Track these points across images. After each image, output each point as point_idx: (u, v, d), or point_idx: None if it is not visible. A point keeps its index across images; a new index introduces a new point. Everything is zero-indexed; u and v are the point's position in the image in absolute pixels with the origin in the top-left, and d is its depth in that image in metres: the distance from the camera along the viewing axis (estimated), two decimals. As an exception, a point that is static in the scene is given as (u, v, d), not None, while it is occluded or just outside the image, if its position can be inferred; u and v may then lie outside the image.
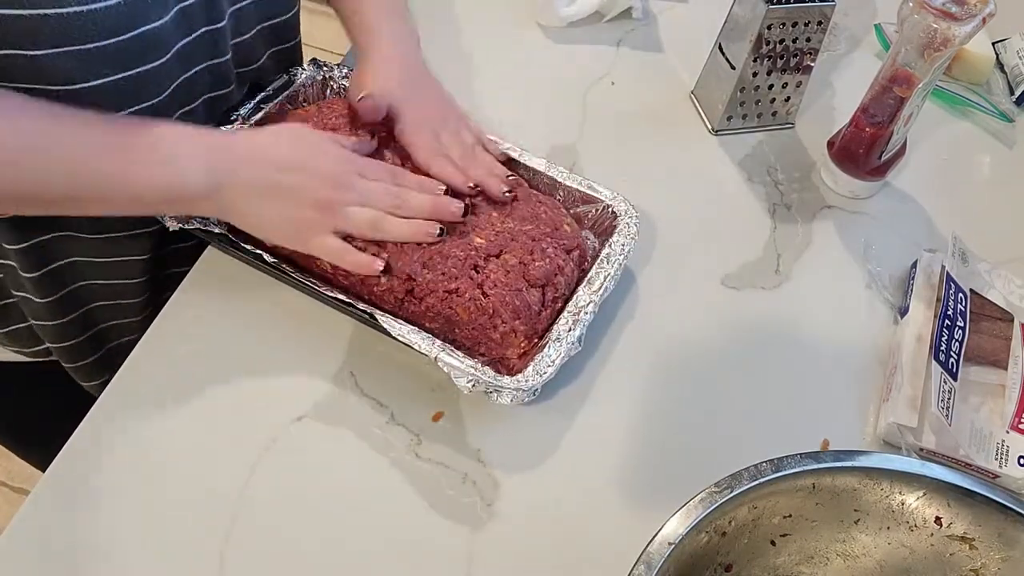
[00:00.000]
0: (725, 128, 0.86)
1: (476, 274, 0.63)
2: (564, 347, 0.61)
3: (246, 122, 0.70)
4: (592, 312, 0.64)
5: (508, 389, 0.58)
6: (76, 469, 0.58)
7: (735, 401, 0.67)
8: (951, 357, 0.66)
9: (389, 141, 0.70)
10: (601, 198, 0.71)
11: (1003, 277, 0.75)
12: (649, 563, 0.43)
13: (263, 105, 0.72)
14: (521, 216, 0.67)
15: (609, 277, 0.66)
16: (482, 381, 0.59)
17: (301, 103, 0.75)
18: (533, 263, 0.64)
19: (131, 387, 0.62)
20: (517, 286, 0.62)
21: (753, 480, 0.46)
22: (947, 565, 0.51)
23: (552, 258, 0.65)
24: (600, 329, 0.69)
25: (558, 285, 0.65)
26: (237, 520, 0.57)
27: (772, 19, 0.77)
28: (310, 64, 0.76)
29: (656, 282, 0.73)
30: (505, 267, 0.63)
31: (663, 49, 0.94)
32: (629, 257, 0.68)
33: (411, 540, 0.57)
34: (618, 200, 0.71)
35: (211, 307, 0.66)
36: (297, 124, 0.67)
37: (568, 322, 0.63)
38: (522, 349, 0.62)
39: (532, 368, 0.60)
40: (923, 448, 0.63)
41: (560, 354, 0.61)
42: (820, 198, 0.82)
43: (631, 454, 0.63)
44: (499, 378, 0.59)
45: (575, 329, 0.62)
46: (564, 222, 0.68)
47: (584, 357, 0.66)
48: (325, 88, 0.77)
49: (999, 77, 0.96)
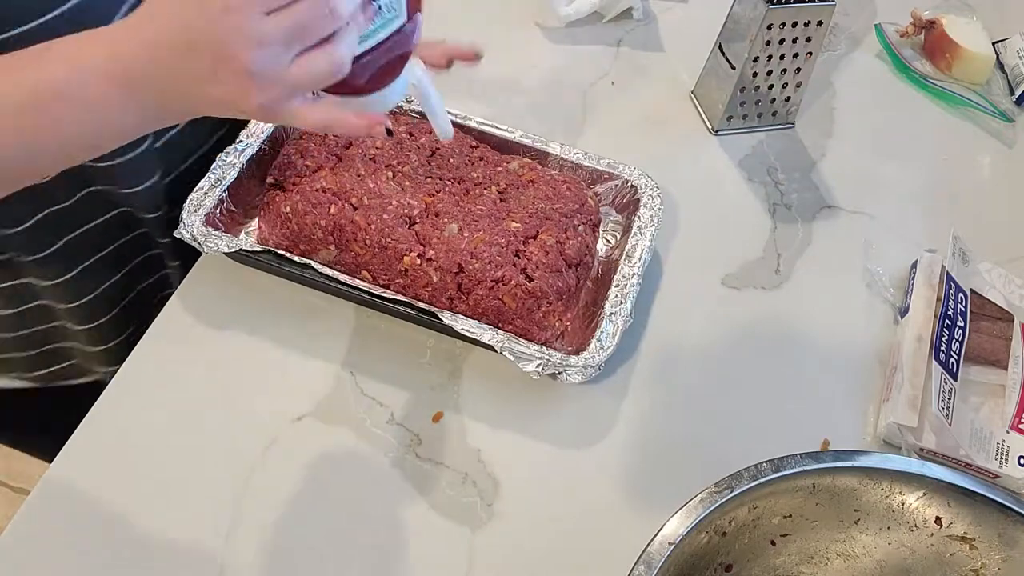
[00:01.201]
0: (725, 128, 0.86)
1: (518, 259, 0.64)
2: (620, 320, 0.64)
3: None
4: (637, 284, 0.66)
5: (576, 368, 0.61)
6: (76, 469, 0.58)
7: (735, 401, 0.67)
8: (951, 357, 0.66)
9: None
10: (619, 174, 0.73)
11: (1003, 277, 0.74)
12: (649, 563, 0.43)
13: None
14: (546, 195, 0.69)
15: (645, 249, 0.68)
16: (551, 363, 0.61)
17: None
18: (568, 241, 0.66)
19: (131, 387, 0.62)
20: (557, 267, 0.64)
21: (753, 480, 0.47)
22: (947, 565, 0.51)
23: (583, 236, 0.67)
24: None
25: (588, 263, 0.68)
26: (237, 520, 0.57)
27: (772, 19, 0.77)
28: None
29: (656, 282, 0.73)
30: (544, 248, 0.65)
31: (663, 49, 0.94)
32: (659, 227, 0.70)
33: (411, 540, 0.57)
34: (636, 175, 0.73)
35: (210, 309, 0.66)
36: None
37: (617, 296, 0.65)
38: (560, 329, 0.65)
39: (595, 344, 0.62)
40: (923, 448, 0.63)
41: (617, 327, 0.63)
42: (820, 198, 0.82)
43: (631, 454, 0.63)
44: (567, 358, 0.61)
45: (625, 302, 0.65)
46: (587, 196, 0.70)
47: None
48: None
49: (999, 77, 0.96)
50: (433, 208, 0.67)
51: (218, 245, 0.64)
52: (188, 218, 0.65)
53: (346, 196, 0.66)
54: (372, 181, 0.67)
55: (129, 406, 0.61)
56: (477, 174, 0.70)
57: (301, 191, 0.66)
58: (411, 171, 0.69)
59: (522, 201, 0.68)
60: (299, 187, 0.66)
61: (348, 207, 0.65)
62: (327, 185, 0.66)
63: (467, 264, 0.63)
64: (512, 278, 0.63)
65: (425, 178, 0.69)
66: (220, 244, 0.64)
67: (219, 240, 0.64)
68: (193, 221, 0.65)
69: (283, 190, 0.67)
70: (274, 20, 0.42)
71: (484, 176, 0.70)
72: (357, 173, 0.67)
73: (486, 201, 0.67)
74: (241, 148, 0.70)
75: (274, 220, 0.67)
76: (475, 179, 0.70)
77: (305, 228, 0.65)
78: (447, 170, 0.70)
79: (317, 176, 0.67)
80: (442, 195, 0.68)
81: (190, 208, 0.65)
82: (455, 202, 0.67)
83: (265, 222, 0.68)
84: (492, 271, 0.63)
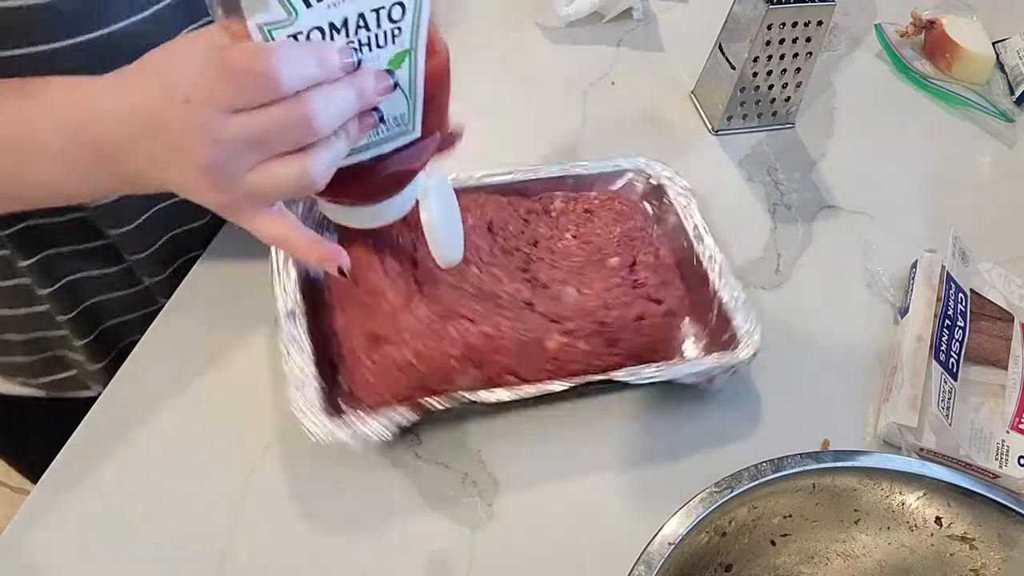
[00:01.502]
0: (725, 128, 0.86)
1: (641, 288, 0.63)
2: (736, 297, 0.64)
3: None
4: (721, 258, 0.67)
5: (745, 360, 0.61)
6: (75, 469, 0.58)
7: (735, 401, 0.67)
8: (951, 357, 0.66)
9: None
10: (628, 167, 0.73)
11: (1003, 277, 0.74)
12: (649, 563, 0.43)
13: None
14: (611, 219, 0.68)
15: (699, 225, 0.69)
16: (718, 366, 0.61)
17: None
18: (660, 251, 0.66)
19: (129, 392, 0.62)
20: (670, 279, 0.65)
21: (753, 480, 0.47)
22: (947, 565, 0.51)
23: (663, 239, 0.68)
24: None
25: (671, 264, 0.68)
26: (238, 519, 0.57)
27: (772, 19, 0.77)
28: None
29: (656, 282, 0.73)
30: (649, 268, 0.64)
31: (663, 49, 0.94)
32: (694, 207, 0.70)
33: (411, 540, 0.57)
34: (643, 163, 0.73)
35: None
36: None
37: (712, 277, 0.66)
38: (679, 331, 0.65)
39: (743, 330, 0.62)
40: (923, 448, 0.63)
41: (737, 304, 0.64)
42: (820, 198, 0.82)
43: (631, 454, 0.63)
44: (735, 355, 0.61)
45: (724, 277, 0.65)
46: (638, 201, 0.71)
47: (584, 357, 0.66)
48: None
49: (999, 77, 0.96)
50: (537, 282, 0.63)
51: (368, 436, 0.54)
52: (312, 418, 0.55)
53: (455, 313, 0.59)
54: (467, 284, 0.61)
55: (130, 405, 0.61)
56: (543, 229, 0.66)
57: (411, 331, 0.58)
58: (489, 256, 0.63)
59: (598, 235, 0.66)
60: (400, 327, 0.58)
61: (465, 323, 0.58)
62: (430, 312, 0.59)
63: (607, 318, 0.61)
64: (647, 309, 0.61)
65: (504, 256, 0.63)
66: (367, 432, 0.55)
67: (359, 427, 0.55)
68: (320, 420, 0.55)
69: (386, 341, 0.59)
70: (238, 121, 0.39)
71: (549, 227, 0.66)
72: (446, 283, 0.60)
73: (572, 250, 0.65)
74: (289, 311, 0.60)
75: (392, 375, 0.58)
76: (544, 234, 0.66)
77: (435, 366, 0.58)
78: (516, 239, 0.65)
79: (413, 307, 0.59)
80: (533, 265, 0.63)
81: (304, 409, 0.55)
82: (549, 265, 0.64)
83: (378, 378, 0.58)
84: (630, 312, 0.61)
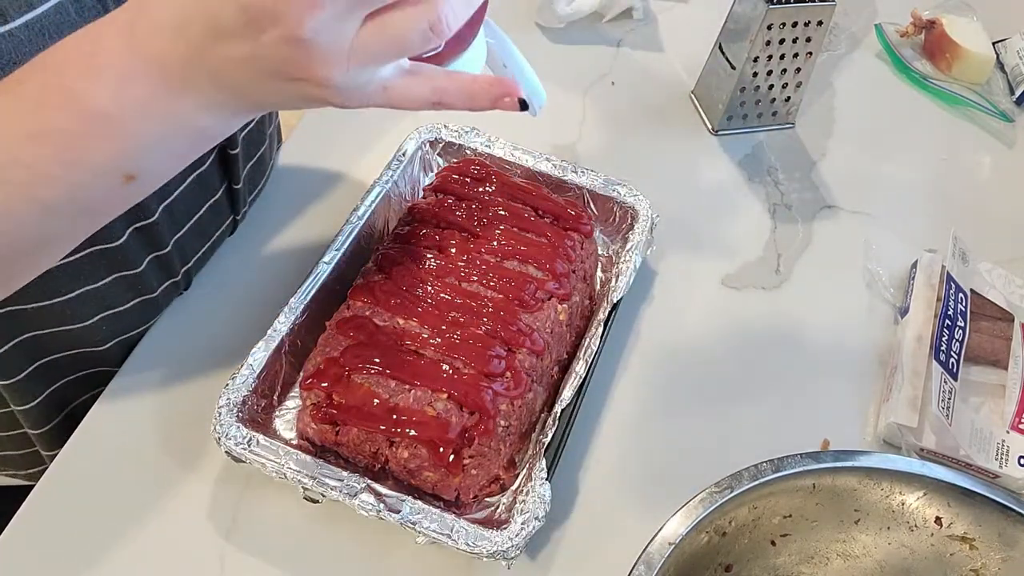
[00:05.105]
0: (725, 128, 0.86)
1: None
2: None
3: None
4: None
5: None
6: (75, 469, 0.58)
7: (735, 401, 0.67)
8: (951, 357, 0.66)
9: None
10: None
11: (1003, 277, 0.74)
12: (649, 563, 0.43)
13: None
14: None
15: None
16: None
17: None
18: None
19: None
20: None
21: (753, 480, 0.47)
22: (947, 565, 0.51)
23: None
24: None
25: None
26: (238, 519, 0.57)
27: (772, 19, 0.77)
28: None
29: (656, 282, 0.73)
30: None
31: (663, 49, 0.94)
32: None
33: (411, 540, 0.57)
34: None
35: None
36: None
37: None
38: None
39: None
40: (923, 448, 0.63)
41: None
42: (820, 198, 0.82)
43: (631, 454, 0.63)
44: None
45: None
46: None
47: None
48: None
49: (999, 77, 0.96)
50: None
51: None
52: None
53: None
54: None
55: (128, 407, 0.61)
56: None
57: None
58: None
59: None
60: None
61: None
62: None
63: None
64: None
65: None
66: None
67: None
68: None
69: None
70: None
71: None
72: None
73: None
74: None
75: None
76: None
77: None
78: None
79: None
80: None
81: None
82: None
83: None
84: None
